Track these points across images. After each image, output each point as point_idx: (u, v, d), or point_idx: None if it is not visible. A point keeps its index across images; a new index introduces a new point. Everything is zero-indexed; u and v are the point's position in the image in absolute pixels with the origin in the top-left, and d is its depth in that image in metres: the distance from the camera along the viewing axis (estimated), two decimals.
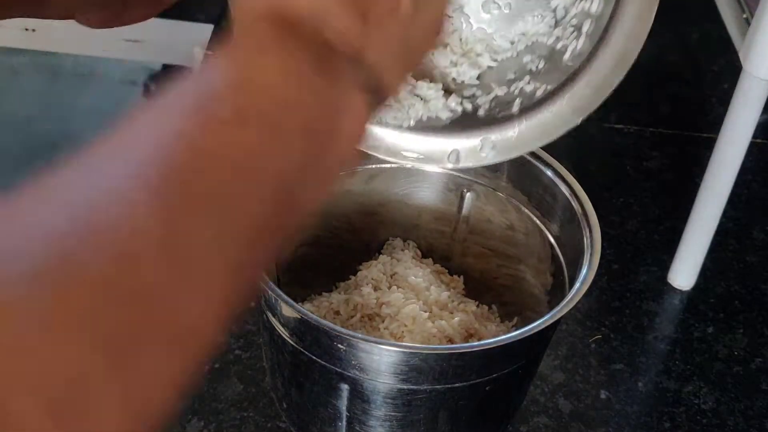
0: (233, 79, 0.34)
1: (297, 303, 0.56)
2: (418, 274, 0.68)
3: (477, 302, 0.69)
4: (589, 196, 0.64)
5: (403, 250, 0.72)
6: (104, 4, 0.50)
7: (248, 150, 0.32)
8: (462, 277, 0.72)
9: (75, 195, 0.28)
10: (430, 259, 0.72)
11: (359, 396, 0.57)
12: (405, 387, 0.56)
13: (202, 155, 0.31)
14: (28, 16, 0.51)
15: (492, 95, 0.56)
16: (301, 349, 0.57)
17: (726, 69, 1.06)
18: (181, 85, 0.34)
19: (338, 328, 0.54)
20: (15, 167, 1.93)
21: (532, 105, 0.55)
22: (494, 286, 0.71)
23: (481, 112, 0.56)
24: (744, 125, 0.70)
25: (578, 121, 0.53)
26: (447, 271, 0.72)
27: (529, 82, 0.55)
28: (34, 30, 1.55)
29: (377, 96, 0.39)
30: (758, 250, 0.86)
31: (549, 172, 0.65)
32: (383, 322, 0.64)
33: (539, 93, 0.54)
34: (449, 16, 0.53)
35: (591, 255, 0.60)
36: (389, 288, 0.66)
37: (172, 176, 0.30)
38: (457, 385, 0.56)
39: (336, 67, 0.37)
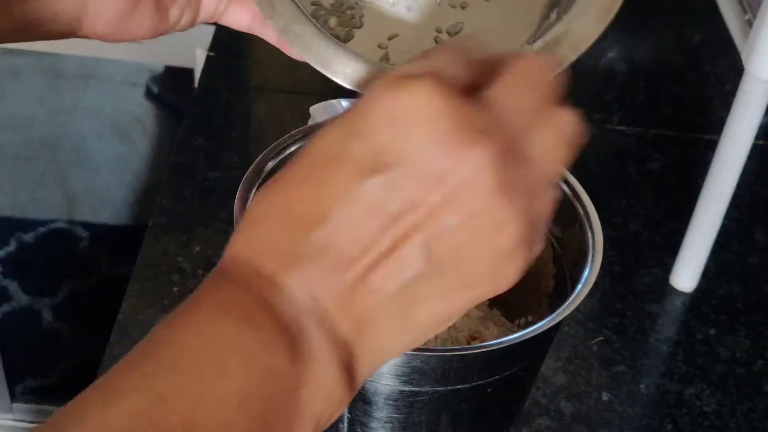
0: (181, 383, 0.31)
1: None
2: None
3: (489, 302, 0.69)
4: (590, 198, 0.64)
5: None
6: (112, 12, 0.50)
7: None
8: None
9: None
10: None
11: (360, 398, 0.57)
12: (406, 389, 0.56)
13: None
14: (30, 38, 0.50)
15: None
16: None
17: (728, 70, 1.06)
18: (135, 374, 0.31)
19: None
20: (15, 167, 1.93)
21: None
22: None
23: None
24: (746, 127, 0.70)
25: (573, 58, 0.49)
26: None
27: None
28: None
29: (353, 376, 0.34)
30: (760, 252, 0.85)
31: None
32: None
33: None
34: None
35: (593, 257, 0.60)
36: None
37: None
38: (459, 386, 0.56)
39: (303, 336, 0.33)
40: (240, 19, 0.54)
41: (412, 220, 0.33)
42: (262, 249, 0.34)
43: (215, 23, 0.55)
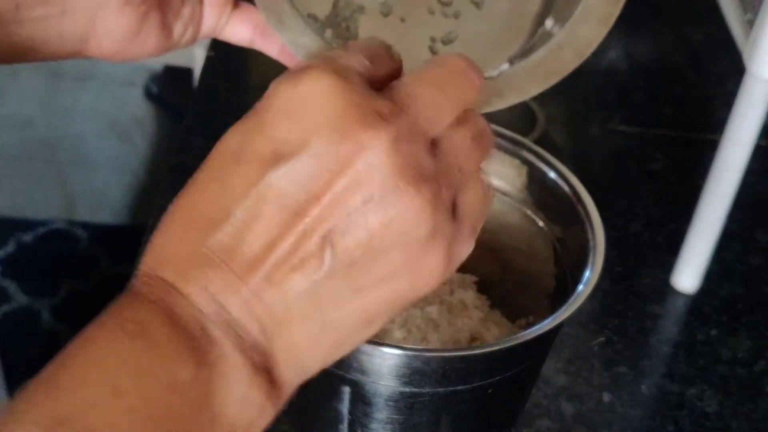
0: (74, 407, 0.30)
1: None
2: None
3: (490, 302, 0.69)
4: (592, 198, 0.63)
5: None
6: (120, 29, 0.49)
7: None
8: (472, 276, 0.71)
9: None
10: None
11: (361, 399, 0.57)
12: (407, 390, 0.56)
13: None
14: (37, 58, 0.50)
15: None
16: None
17: (730, 70, 1.06)
18: (33, 400, 0.30)
19: None
20: (14, 168, 1.93)
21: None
22: (497, 289, 0.71)
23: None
24: (748, 127, 0.70)
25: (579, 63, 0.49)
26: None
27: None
28: None
29: (273, 380, 0.33)
30: (762, 253, 0.85)
31: (552, 174, 0.65)
32: (392, 323, 0.64)
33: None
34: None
35: (594, 257, 0.59)
36: None
37: None
38: (459, 388, 0.56)
39: (209, 341, 0.32)
40: (241, 34, 0.54)
41: (316, 213, 0.32)
42: (163, 258, 0.34)
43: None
